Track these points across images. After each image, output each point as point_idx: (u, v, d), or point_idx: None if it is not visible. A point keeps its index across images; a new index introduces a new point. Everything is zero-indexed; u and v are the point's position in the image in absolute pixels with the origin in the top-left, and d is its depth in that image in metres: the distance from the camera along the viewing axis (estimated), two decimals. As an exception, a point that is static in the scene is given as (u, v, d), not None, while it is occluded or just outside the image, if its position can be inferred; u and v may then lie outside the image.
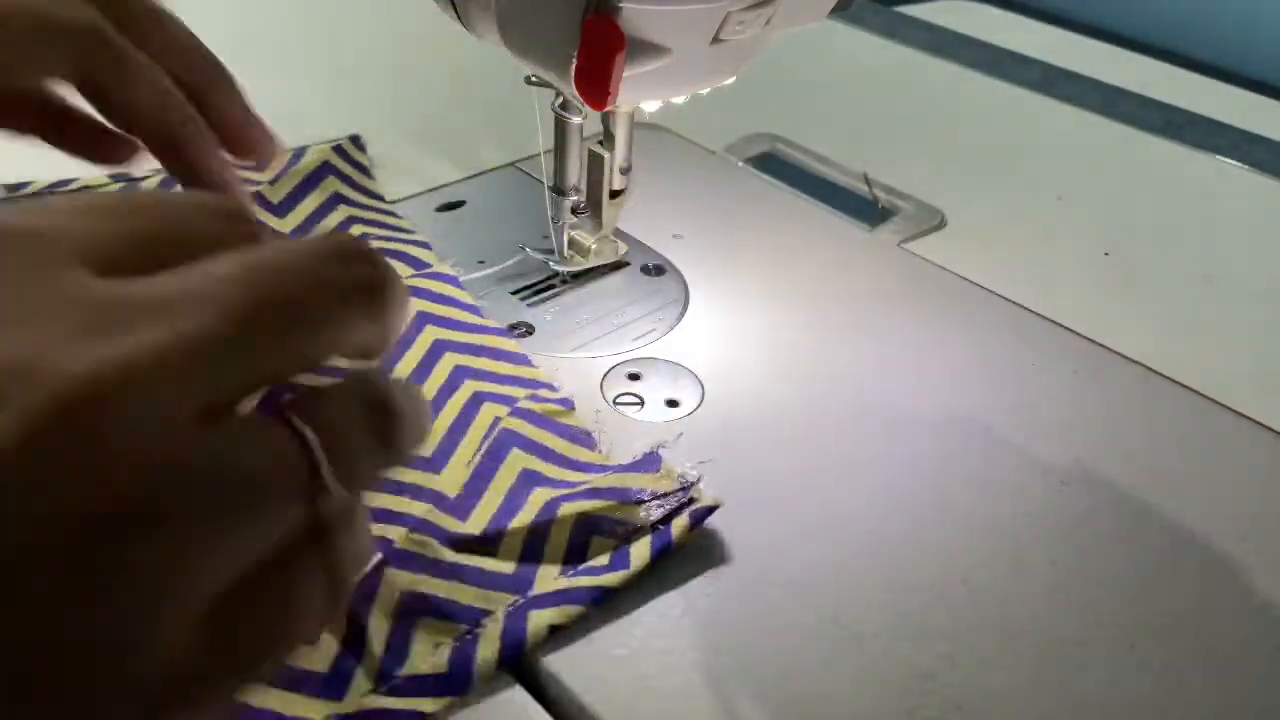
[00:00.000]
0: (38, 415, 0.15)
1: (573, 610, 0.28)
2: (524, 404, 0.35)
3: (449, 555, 0.30)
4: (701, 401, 0.37)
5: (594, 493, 0.32)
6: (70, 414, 0.15)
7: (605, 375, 0.38)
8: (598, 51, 0.29)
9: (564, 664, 0.28)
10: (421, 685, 0.27)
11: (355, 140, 0.48)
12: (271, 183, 0.44)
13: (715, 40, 0.31)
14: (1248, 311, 0.44)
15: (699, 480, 0.32)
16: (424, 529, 0.30)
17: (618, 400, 0.37)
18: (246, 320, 0.17)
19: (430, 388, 0.36)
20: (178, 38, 0.34)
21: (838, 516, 0.33)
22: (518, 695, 0.27)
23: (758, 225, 0.47)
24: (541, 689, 0.27)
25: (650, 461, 0.33)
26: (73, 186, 0.44)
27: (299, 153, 0.46)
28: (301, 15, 0.65)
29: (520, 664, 0.28)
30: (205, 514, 0.17)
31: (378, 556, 0.29)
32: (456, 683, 0.27)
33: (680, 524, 0.31)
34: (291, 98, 0.50)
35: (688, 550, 0.31)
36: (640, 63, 0.31)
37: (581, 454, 0.34)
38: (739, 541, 0.31)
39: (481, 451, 0.34)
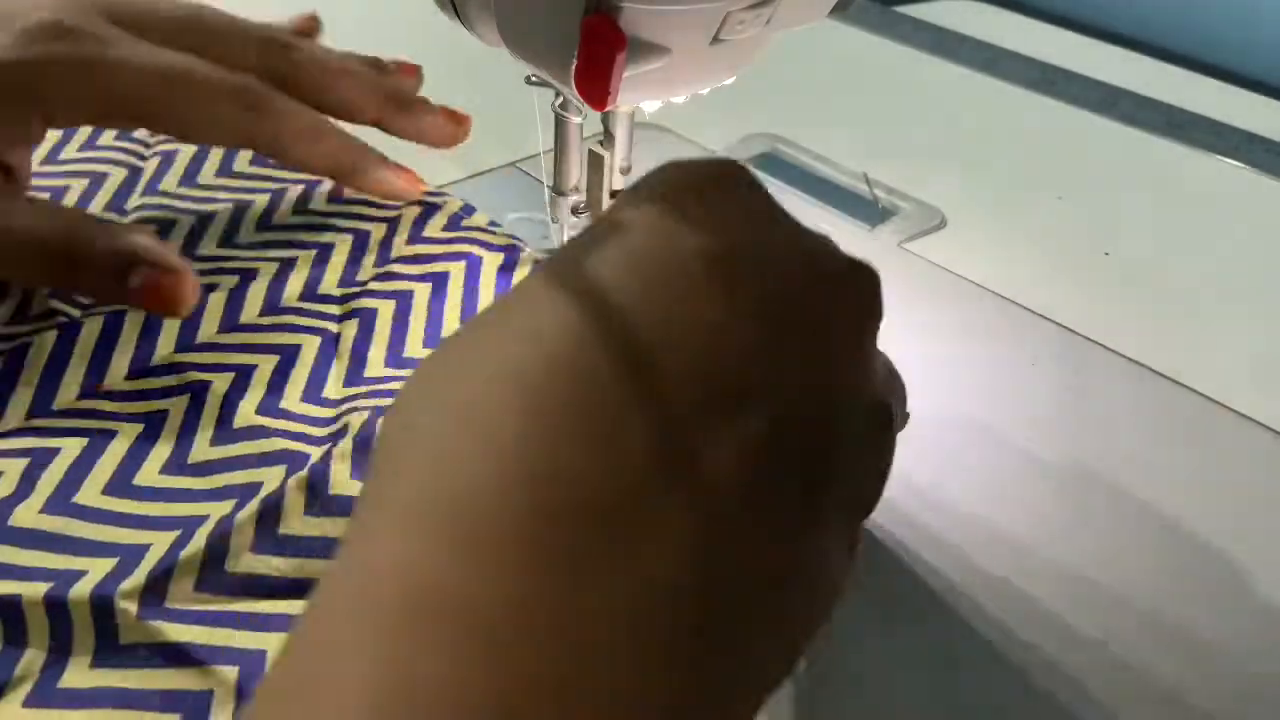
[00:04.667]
0: None
1: None
2: None
3: None
4: (701, 401, 0.37)
5: None
6: None
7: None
8: (598, 51, 0.29)
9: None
10: None
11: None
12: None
13: (715, 40, 0.31)
14: (1248, 311, 0.44)
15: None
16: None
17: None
18: None
19: None
20: (343, 78, 0.41)
21: (838, 516, 0.33)
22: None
23: (758, 225, 0.47)
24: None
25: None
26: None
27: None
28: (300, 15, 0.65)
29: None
30: None
31: None
32: None
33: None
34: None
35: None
36: (640, 63, 0.31)
37: None
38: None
39: None
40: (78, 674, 0.26)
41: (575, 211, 0.41)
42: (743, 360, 0.20)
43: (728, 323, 0.21)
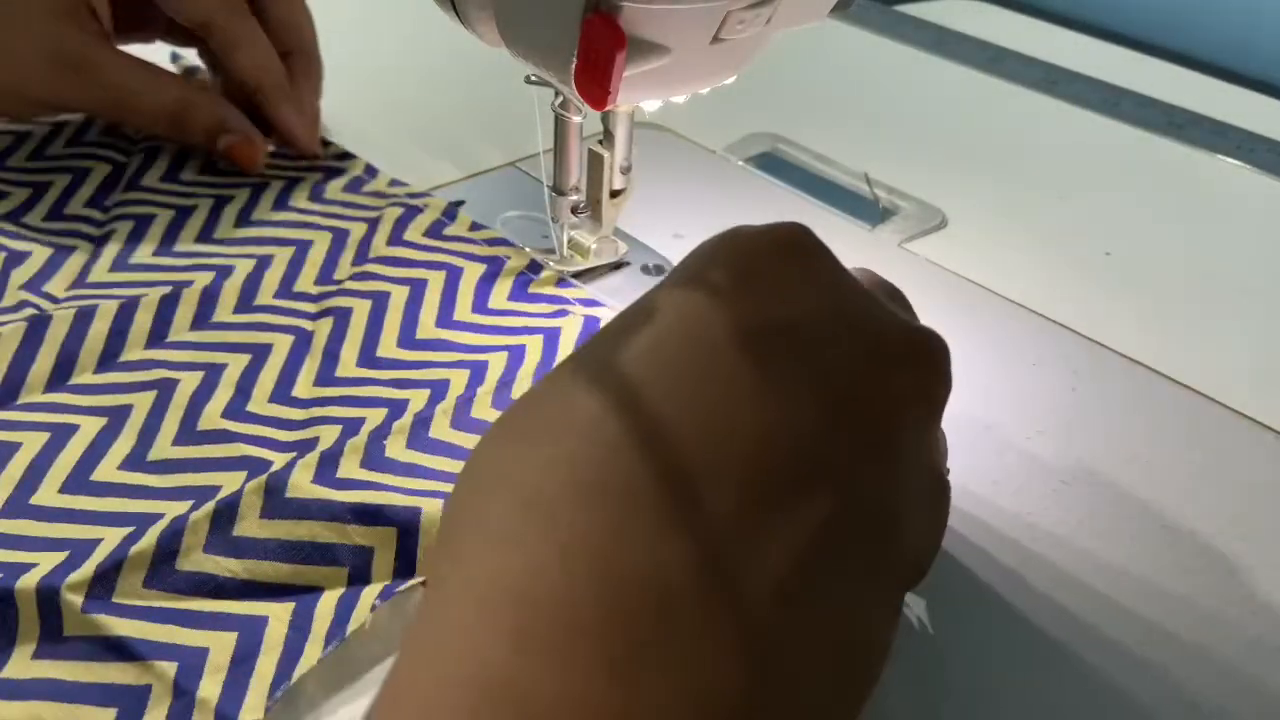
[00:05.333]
0: None
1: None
2: None
3: None
4: (701, 401, 0.37)
5: None
6: None
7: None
8: (598, 51, 0.29)
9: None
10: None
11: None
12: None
13: (715, 40, 0.31)
14: (1248, 311, 0.44)
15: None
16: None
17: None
18: None
19: None
20: (296, 25, 0.48)
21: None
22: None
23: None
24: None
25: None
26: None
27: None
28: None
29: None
30: None
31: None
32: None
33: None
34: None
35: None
36: (640, 62, 0.31)
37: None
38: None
39: None
40: (19, 665, 0.25)
41: (575, 211, 0.41)
42: (795, 450, 0.20)
43: (778, 412, 0.20)
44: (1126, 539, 0.33)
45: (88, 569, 0.27)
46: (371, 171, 0.46)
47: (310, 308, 0.38)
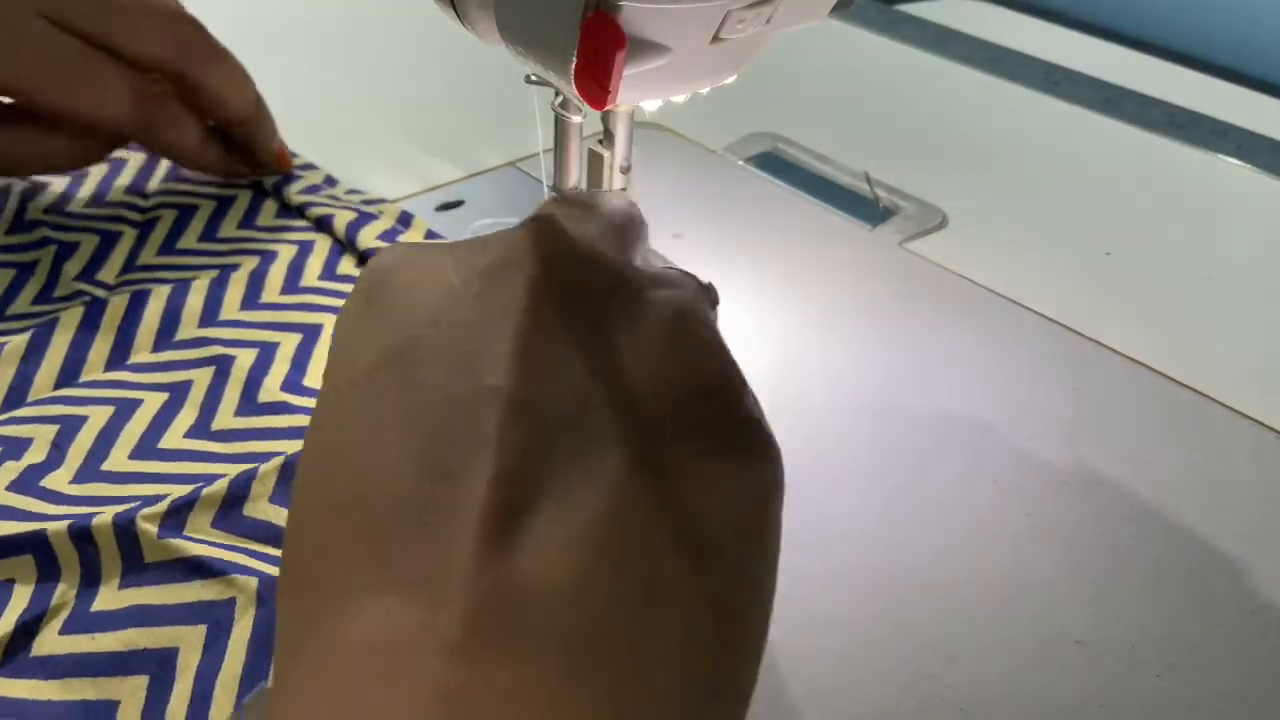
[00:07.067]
0: None
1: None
2: None
3: None
4: (701, 401, 0.37)
5: None
6: None
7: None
8: (598, 51, 0.29)
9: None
10: None
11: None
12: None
13: (716, 39, 0.31)
14: (1248, 311, 0.44)
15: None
16: None
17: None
18: None
19: None
20: (239, 99, 0.44)
21: (836, 517, 0.33)
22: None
23: (758, 225, 0.47)
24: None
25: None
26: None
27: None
28: (300, 14, 0.65)
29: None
30: None
31: None
32: None
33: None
34: (290, 96, 0.50)
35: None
36: (640, 62, 0.30)
37: None
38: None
39: None
40: (108, 597, 0.27)
41: (575, 211, 0.41)
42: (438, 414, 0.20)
43: (406, 410, 0.21)
44: (1126, 539, 0.33)
45: (161, 505, 0.28)
46: (331, 181, 0.47)
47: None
